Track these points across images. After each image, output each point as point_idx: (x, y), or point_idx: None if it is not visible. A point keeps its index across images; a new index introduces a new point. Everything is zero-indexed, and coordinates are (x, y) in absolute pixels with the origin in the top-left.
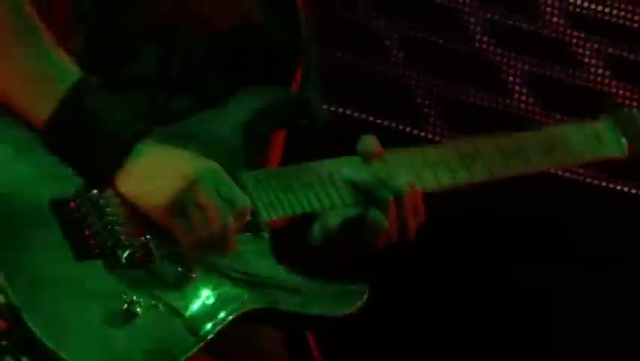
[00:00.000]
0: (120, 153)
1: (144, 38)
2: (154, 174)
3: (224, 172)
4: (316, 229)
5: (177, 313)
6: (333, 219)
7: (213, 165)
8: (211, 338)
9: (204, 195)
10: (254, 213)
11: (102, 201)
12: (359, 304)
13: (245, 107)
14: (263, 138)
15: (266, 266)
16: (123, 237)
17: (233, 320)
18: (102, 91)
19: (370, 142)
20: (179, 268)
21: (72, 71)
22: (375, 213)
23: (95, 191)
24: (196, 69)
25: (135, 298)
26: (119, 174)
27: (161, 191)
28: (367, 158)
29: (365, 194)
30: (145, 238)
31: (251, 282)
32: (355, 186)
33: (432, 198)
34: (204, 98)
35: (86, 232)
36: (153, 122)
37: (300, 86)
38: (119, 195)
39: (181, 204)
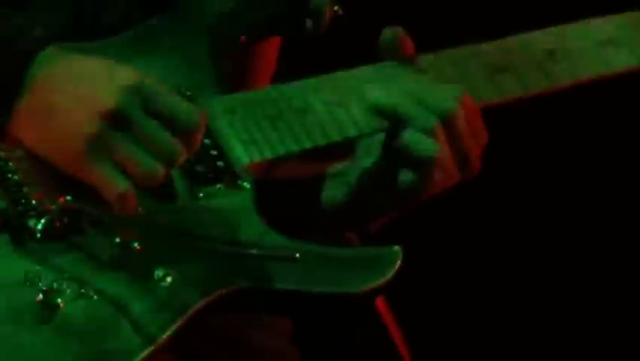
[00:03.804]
0: (8, 80)
1: None
2: (59, 102)
3: (156, 81)
4: (331, 185)
5: (117, 303)
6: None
7: (136, 74)
8: (170, 338)
9: (130, 119)
10: (227, 155)
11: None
12: (388, 275)
13: (210, 8)
14: (244, 49)
15: (249, 229)
16: (33, 201)
17: (201, 309)
18: None
19: (395, 35)
20: (117, 240)
21: None
22: (415, 137)
23: None
24: None
25: (55, 284)
26: (16, 114)
27: (70, 128)
28: (392, 56)
29: (398, 123)
30: (65, 200)
31: (227, 252)
32: (380, 113)
33: None
34: (150, 4)
35: None
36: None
37: None
38: (22, 145)
39: (100, 141)
